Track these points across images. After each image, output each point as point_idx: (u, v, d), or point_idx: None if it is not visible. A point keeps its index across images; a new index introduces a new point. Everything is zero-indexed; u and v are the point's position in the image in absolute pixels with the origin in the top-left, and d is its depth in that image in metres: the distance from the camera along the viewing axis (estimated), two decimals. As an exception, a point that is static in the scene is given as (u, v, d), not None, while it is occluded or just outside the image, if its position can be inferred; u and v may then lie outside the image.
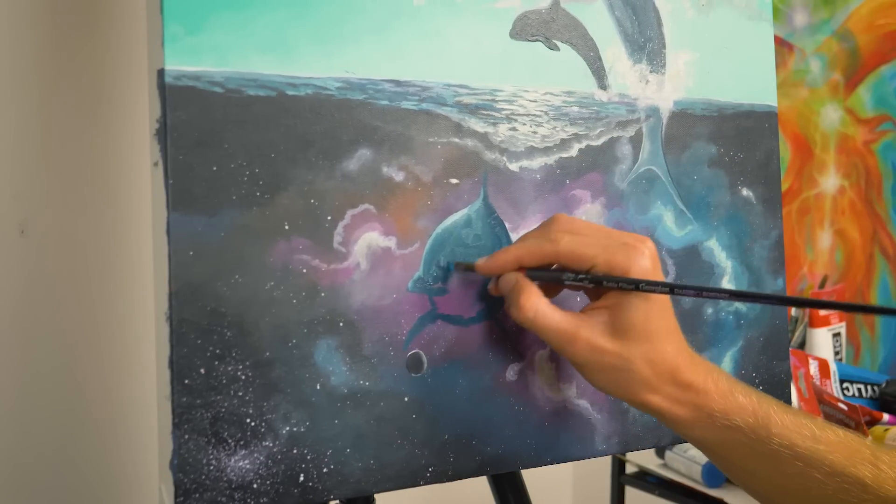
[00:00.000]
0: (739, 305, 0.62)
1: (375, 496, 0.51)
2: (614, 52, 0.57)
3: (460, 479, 0.51)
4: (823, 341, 1.07)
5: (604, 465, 1.20)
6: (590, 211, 0.56)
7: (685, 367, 0.44)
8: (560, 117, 0.55)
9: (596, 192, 0.56)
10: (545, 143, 0.54)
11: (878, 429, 0.75)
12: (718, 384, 0.45)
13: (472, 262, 0.50)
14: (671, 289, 0.44)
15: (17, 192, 0.76)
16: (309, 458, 0.46)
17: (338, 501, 0.50)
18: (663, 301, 0.45)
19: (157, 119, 0.45)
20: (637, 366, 0.44)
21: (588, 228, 0.46)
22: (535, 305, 0.45)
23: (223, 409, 0.44)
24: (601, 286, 0.45)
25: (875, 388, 0.97)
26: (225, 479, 0.44)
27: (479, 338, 0.52)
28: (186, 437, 0.43)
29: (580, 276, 0.45)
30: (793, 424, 0.43)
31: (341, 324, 0.47)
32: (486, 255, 0.49)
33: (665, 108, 0.59)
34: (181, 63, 0.44)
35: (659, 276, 0.45)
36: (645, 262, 0.44)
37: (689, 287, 0.44)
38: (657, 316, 0.44)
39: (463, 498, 1.02)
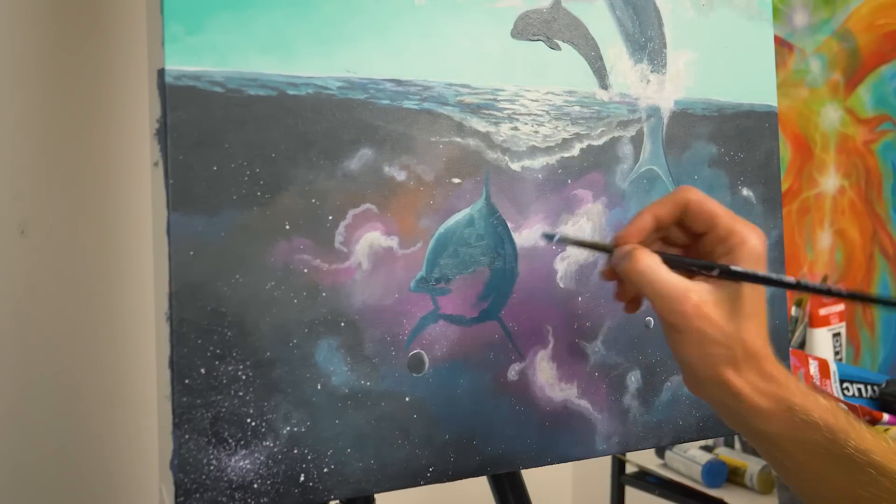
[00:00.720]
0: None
1: (376, 496, 0.51)
2: (615, 51, 0.57)
3: (461, 479, 0.51)
4: (823, 341, 1.07)
5: (604, 465, 1.20)
6: (591, 210, 0.56)
7: (770, 358, 0.44)
8: (561, 117, 0.55)
9: (597, 191, 0.56)
10: (547, 143, 0.54)
11: (878, 429, 0.75)
12: (798, 384, 0.44)
13: (602, 242, 0.49)
14: (797, 285, 0.44)
15: (17, 192, 0.76)
16: (309, 458, 0.46)
17: (338, 501, 0.50)
18: (763, 290, 0.45)
19: (157, 119, 0.45)
20: (733, 341, 0.43)
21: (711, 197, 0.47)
22: (651, 262, 0.45)
23: (223, 409, 0.44)
24: (730, 277, 0.44)
25: (875, 388, 0.97)
26: (225, 478, 0.44)
27: (481, 338, 0.52)
28: (187, 436, 0.43)
29: (711, 267, 0.45)
30: (870, 434, 0.42)
31: (342, 324, 0.47)
32: (622, 228, 0.48)
33: (666, 108, 0.59)
34: (181, 63, 0.43)
35: (764, 267, 0.46)
36: (759, 243, 0.45)
37: (812, 286, 0.45)
38: (757, 299, 0.45)
39: (463, 498, 1.02)
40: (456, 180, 0.51)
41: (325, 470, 0.47)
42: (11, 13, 0.75)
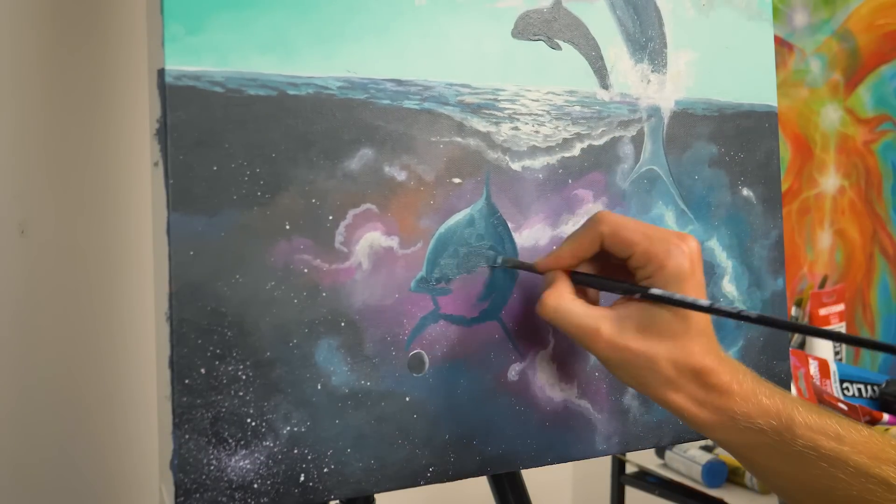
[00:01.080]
0: (739, 305, 0.62)
1: (376, 496, 0.51)
2: (616, 51, 0.57)
3: (461, 479, 0.51)
4: (823, 341, 1.07)
5: (604, 465, 1.20)
6: (592, 210, 0.56)
7: (711, 368, 0.44)
8: (562, 117, 0.55)
9: (598, 191, 0.56)
10: (547, 143, 0.54)
11: (878, 429, 0.75)
12: (743, 385, 0.44)
13: (527, 262, 0.51)
14: (709, 308, 0.43)
15: (17, 192, 0.76)
16: (309, 457, 0.46)
17: (338, 501, 0.50)
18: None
19: (157, 119, 0.45)
20: (660, 365, 0.44)
21: (634, 220, 0.47)
22: (557, 301, 0.45)
23: (224, 409, 0.44)
24: (645, 298, 0.44)
25: (875, 388, 0.97)
26: (225, 479, 0.44)
27: (481, 338, 0.52)
28: (187, 437, 0.43)
29: (630, 289, 0.45)
30: (817, 425, 0.43)
31: (343, 324, 0.47)
32: (545, 256, 0.49)
33: (666, 108, 0.59)
34: (181, 63, 0.43)
35: (697, 278, 0.45)
36: (682, 261, 0.44)
37: (724, 310, 0.43)
38: (686, 315, 0.44)
39: (463, 498, 1.02)
40: (456, 180, 0.51)
41: (325, 470, 0.47)
42: (11, 13, 0.75)
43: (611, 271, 0.49)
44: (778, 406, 0.43)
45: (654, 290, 0.44)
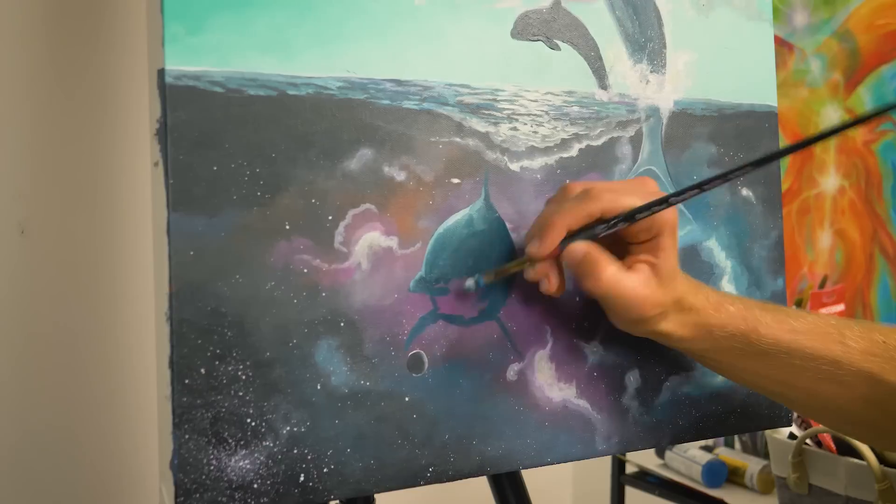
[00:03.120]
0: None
1: (376, 496, 0.51)
2: (615, 51, 0.57)
3: (460, 479, 0.51)
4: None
5: (604, 465, 1.20)
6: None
7: (689, 293, 0.49)
8: (561, 117, 0.55)
9: (596, 192, 0.56)
10: (546, 143, 0.54)
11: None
12: (710, 299, 0.50)
13: (499, 267, 0.51)
14: (700, 187, 0.45)
15: (17, 192, 0.76)
16: (309, 458, 0.46)
17: (338, 501, 0.50)
18: (671, 247, 0.49)
19: (157, 119, 0.45)
20: (666, 305, 0.49)
21: (619, 182, 0.51)
22: (613, 276, 0.47)
23: (223, 409, 0.44)
24: (634, 221, 0.47)
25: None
26: (225, 479, 0.44)
27: (480, 338, 0.52)
28: (187, 437, 0.43)
29: (613, 221, 0.47)
30: (775, 322, 0.49)
31: (342, 324, 0.47)
32: (534, 241, 0.49)
33: (665, 109, 0.59)
34: (181, 63, 0.43)
35: (670, 216, 0.49)
36: (670, 217, 0.49)
37: (685, 190, 0.46)
38: (668, 260, 0.49)
39: (463, 498, 1.02)
40: (455, 180, 0.51)
41: (325, 470, 0.47)
42: (10, 13, 0.75)
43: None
44: (742, 311, 0.49)
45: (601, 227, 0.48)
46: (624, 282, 0.48)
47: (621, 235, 0.49)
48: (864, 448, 0.71)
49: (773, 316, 0.49)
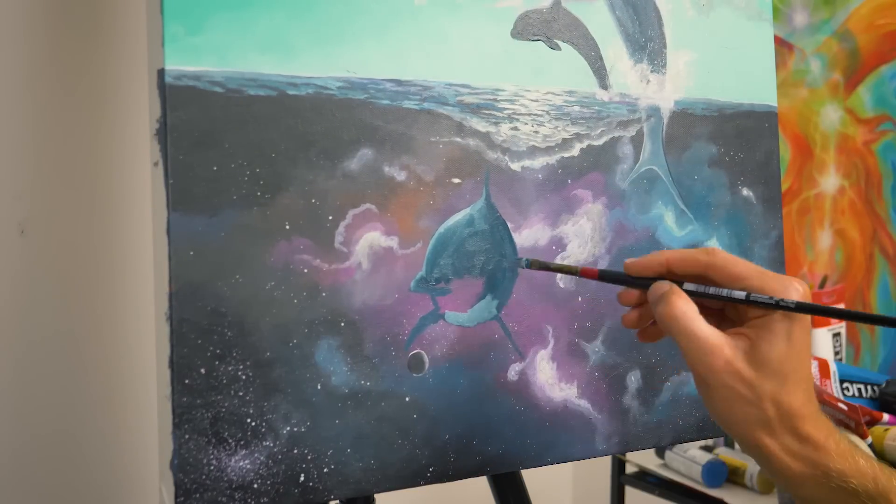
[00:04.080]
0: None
1: (376, 496, 0.51)
2: (615, 51, 0.57)
3: (460, 479, 0.51)
4: (823, 341, 1.07)
5: (604, 465, 1.20)
6: (591, 210, 0.56)
7: (809, 418, 0.42)
8: (561, 117, 0.55)
9: (597, 191, 0.56)
10: (547, 143, 0.54)
11: (877, 429, 0.75)
12: (839, 444, 0.42)
13: (570, 265, 0.49)
14: (776, 304, 0.42)
15: (17, 192, 0.76)
16: (309, 458, 0.46)
17: (338, 501, 0.50)
18: (805, 345, 0.43)
19: (157, 119, 0.45)
20: (765, 403, 0.42)
21: (745, 260, 0.45)
22: (686, 308, 0.43)
23: (223, 409, 0.44)
24: (751, 304, 0.43)
25: (875, 388, 0.97)
26: (225, 479, 0.44)
27: (481, 338, 0.52)
28: (187, 437, 0.43)
29: (742, 297, 0.43)
30: None
31: (342, 324, 0.47)
32: (634, 259, 0.46)
33: (666, 108, 0.59)
34: (181, 63, 0.43)
35: (807, 320, 0.44)
36: (797, 299, 0.43)
37: (761, 300, 0.42)
38: (796, 358, 0.42)
39: (463, 498, 1.02)
40: (456, 180, 0.51)
41: (325, 470, 0.47)
42: (10, 13, 0.75)
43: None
44: (876, 470, 0.42)
45: (736, 293, 0.43)
46: (695, 317, 0.43)
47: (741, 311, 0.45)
48: (864, 448, 0.71)
49: None
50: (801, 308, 0.42)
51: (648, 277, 0.46)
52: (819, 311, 0.43)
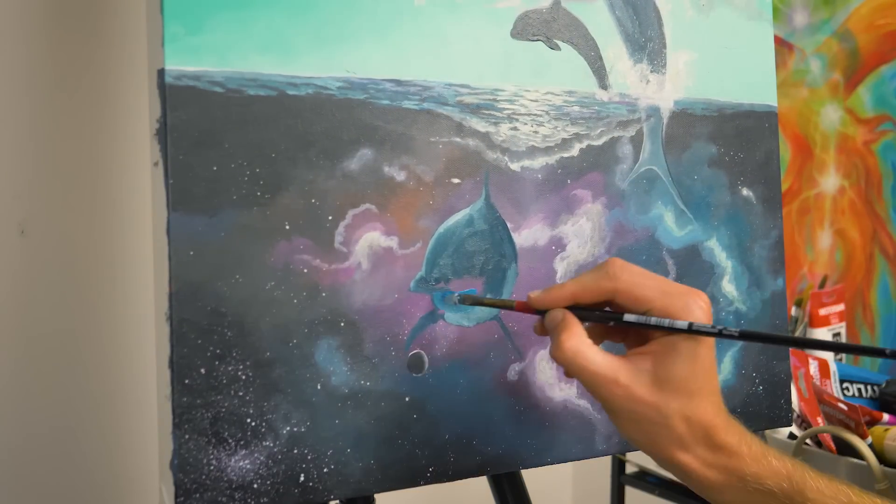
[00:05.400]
0: (739, 305, 0.62)
1: (376, 496, 0.51)
2: (615, 51, 0.57)
3: (460, 479, 0.51)
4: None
5: (604, 465, 1.20)
6: (591, 210, 0.56)
7: (721, 427, 0.43)
8: (561, 117, 0.55)
9: (597, 191, 0.56)
10: (546, 143, 0.54)
11: (878, 429, 0.75)
12: (752, 447, 0.43)
13: (493, 298, 0.50)
14: (719, 332, 0.42)
15: (17, 192, 0.76)
16: (309, 458, 0.46)
17: (338, 501, 0.50)
18: (709, 359, 0.43)
19: (157, 119, 0.45)
20: (673, 421, 0.42)
21: (646, 273, 0.44)
22: (576, 345, 0.43)
23: (223, 409, 0.44)
24: (650, 328, 0.43)
25: (875, 388, 0.96)
26: (225, 479, 0.44)
27: (481, 338, 0.52)
28: (187, 437, 0.43)
29: (630, 319, 0.43)
30: (829, 490, 0.42)
31: (342, 324, 0.47)
32: (539, 291, 0.46)
33: (665, 108, 0.59)
34: (181, 63, 0.43)
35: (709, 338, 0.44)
36: (701, 317, 0.43)
37: (746, 333, 0.42)
38: (703, 372, 0.43)
39: (463, 498, 1.02)
40: (455, 180, 0.51)
41: (325, 470, 0.47)
42: (10, 13, 0.75)
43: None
44: (788, 468, 0.42)
45: (628, 317, 0.43)
46: (587, 353, 0.43)
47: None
48: (864, 448, 0.71)
49: (828, 484, 0.42)
50: (744, 336, 0.42)
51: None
52: (754, 338, 0.44)
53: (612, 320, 0.44)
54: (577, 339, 0.43)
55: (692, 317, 0.42)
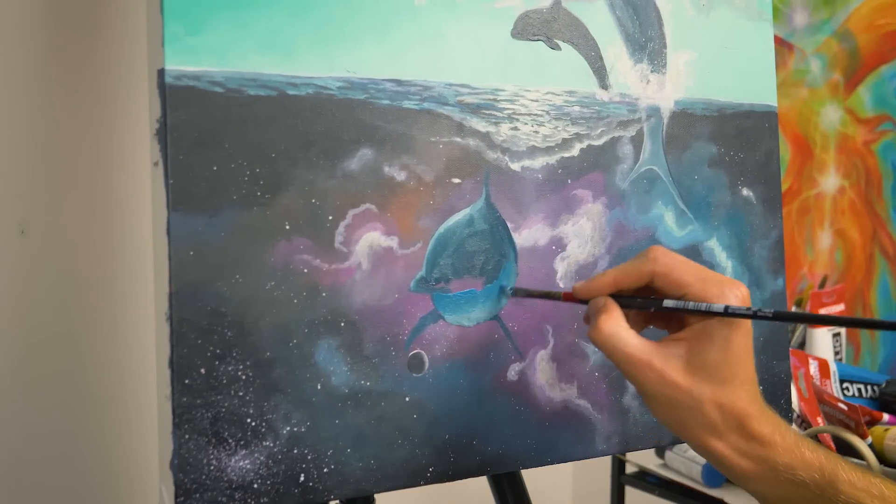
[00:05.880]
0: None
1: (376, 496, 0.51)
2: (615, 51, 0.57)
3: (460, 479, 0.51)
4: (823, 341, 1.07)
5: (604, 465, 1.20)
6: (591, 210, 0.56)
7: (755, 416, 0.43)
8: (561, 117, 0.55)
9: (597, 191, 0.56)
10: (547, 143, 0.54)
11: (878, 429, 0.75)
12: (786, 437, 0.43)
13: (552, 291, 0.50)
14: (754, 313, 0.42)
15: (17, 192, 0.76)
16: (309, 458, 0.46)
17: (338, 501, 0.50)
18: (744, 347, 0.44)
19: (157, 119, 0.45)
20: (706, 408, 0.42)
21: (685, 260, 0.45)
22: (613, 328, 0.44)
23: (223, 409, 0.44)
24: (687, 312, 0.44)
25: (875, 388, 0.97)
26: (225, 479, 0.44)
27: (481, 338, 0.52)
28: (187, 437, 0.43)
29: (669, 305, 0.44)
30: (861, 482, 0.42)
31: (342, 324, 0.47)
32: (583, 281, 0.47)
33: (666, 108, 0.59)
34: (181, 63, 0.43)
35: (748, 323, 0.44)
36: (736, 304, 0.43)
37: (779, 314, 0.42)
38: (736, 360, 0.43)
39: (463, 498, 1.02)
40: (456, 180, 0.51)
41: (325, 470, 0.47)
42: (10, 13, 0.75)
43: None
44: (822, 460, 0.42)
45: (668, 302, 0.44)
46: (623, 336, 0.43)
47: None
48: (864, 448, 0.71)
49: (861, 476, 0.42)
50: (777, 317, 0.42)
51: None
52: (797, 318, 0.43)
53: (651, 306, 0.45)
54: (615, 321, 0.44)
55: (728, 303, 0.43)
